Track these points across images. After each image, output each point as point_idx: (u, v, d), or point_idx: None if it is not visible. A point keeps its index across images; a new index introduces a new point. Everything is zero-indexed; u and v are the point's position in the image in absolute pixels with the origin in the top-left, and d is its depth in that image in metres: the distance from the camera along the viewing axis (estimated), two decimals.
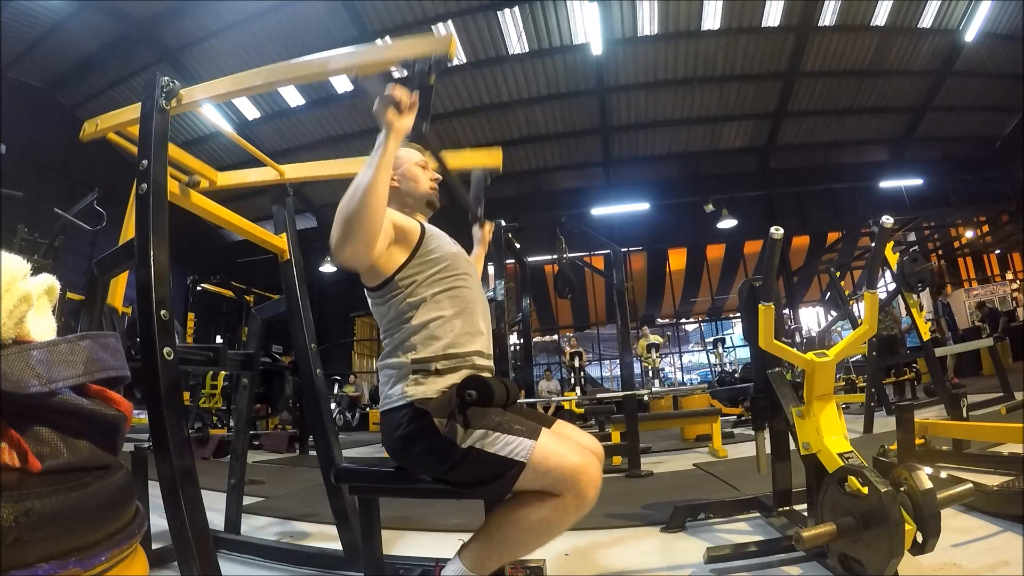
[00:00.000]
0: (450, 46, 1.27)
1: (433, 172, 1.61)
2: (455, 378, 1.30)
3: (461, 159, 1.99)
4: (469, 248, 1.79)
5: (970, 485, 1.56)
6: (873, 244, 2.36)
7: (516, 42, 10.56)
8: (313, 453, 3.94)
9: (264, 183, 2.22)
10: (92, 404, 0.74)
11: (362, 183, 1.15)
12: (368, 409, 12.46)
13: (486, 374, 1.39)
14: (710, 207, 12.65)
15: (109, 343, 0.80)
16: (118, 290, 2.18)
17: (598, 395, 6.50)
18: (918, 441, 2.68)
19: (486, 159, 1.99)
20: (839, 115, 13.06)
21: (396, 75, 1.29)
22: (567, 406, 7.47)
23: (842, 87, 12.17)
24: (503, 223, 4.48)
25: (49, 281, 0.80)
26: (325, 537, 2.36)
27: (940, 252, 14.68)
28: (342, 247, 1.18)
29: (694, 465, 3.96)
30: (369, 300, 1.43)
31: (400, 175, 1.51)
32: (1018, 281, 13.04)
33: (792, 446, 1.93)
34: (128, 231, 2.00)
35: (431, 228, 1.47)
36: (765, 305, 1.89)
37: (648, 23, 10.44)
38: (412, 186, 1.53)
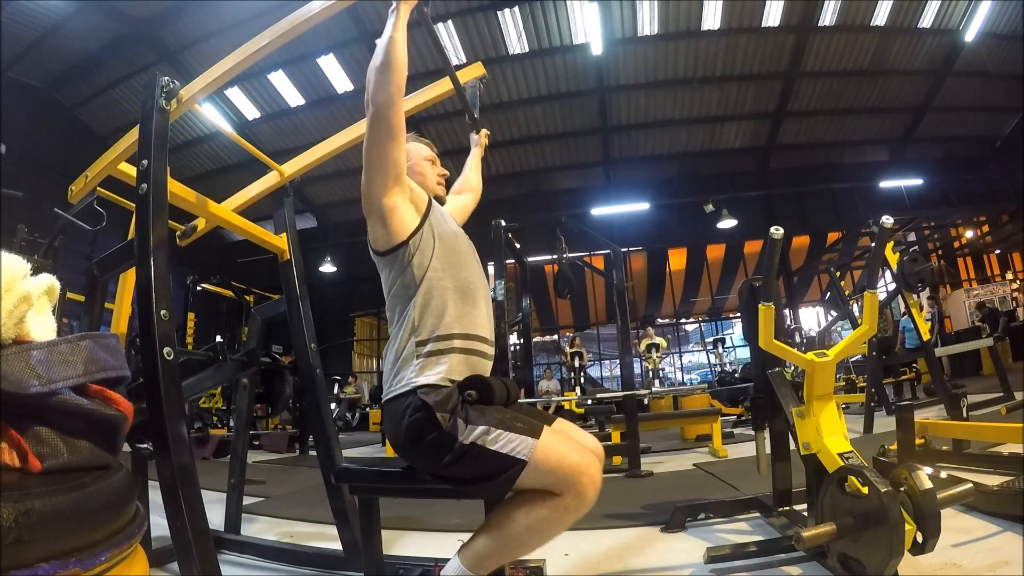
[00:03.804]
0: None
1: (440, 168, 1.62)
2: (456, 363, 1.31)
3: (446, 84, 2.14)
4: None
5: (970, 485, 1.56)
6: (873, 244, 2.36)
7: (516, 42, 10.56)
8: (313, 453, 3.94)
9: (265, 192, 2.21)
10: (92, 404, 0.74)
11: (383, 42, 1.30)
12: (368, 409, 12.46)
13: (486, 361, 1.40)
14: (710, 207, 12.65)
15: (109, 343, 0.80)
16: (126, 292, 2.18)
17: (598, 395, 6.50)
18: (918, 441, 2.68)
19: (470, 72, 2.28)
20: (839, 115, 13.06)
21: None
22: (567, 406, 7.47)
23: (842, 87, 12.17)
24: (503, 223, 4.48)
25: (49, 281, 0.80)
26: (325, 537, 2.36)
27: (940, 252, 14.68)
28: (378, 90, 1.30)
29: (694, 465, 3.96)
30: (378, 265, 1.44)
31: (408, 168, 1.52)
32: (1018, 281, 13.04)
33: (792, 446, 1.93)
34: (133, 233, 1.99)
35: (437, 205, 1.53)
36: (765, 305, 1.89)
37: (648, 23, 10.44)
38: (420, 180, 1.56)
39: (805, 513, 1.90)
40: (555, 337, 16.48)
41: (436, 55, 1.81)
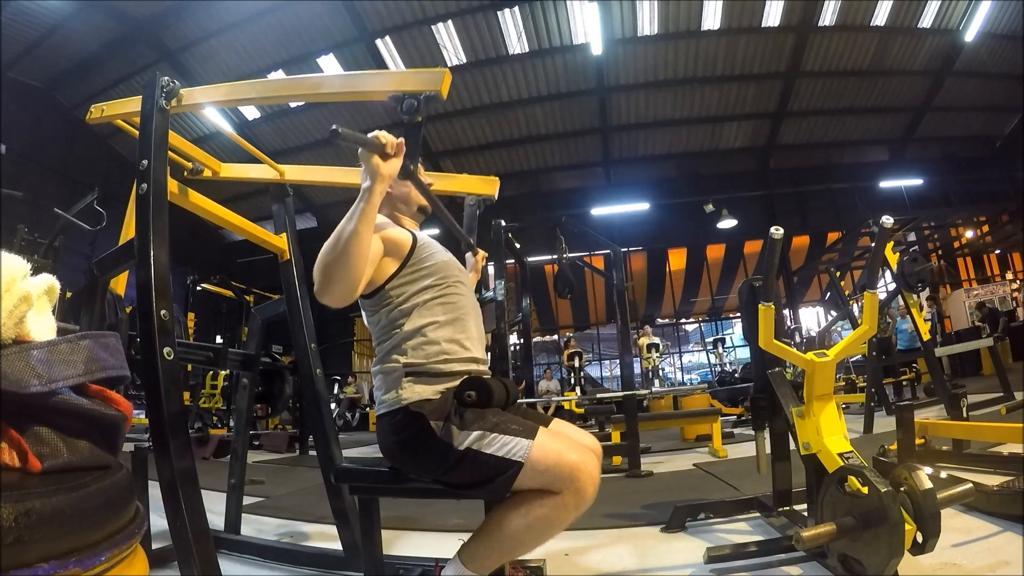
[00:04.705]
0: (443, 84, 1.24)
1: (426, 176, 1.60)
2: (449, 382, 1.30)
3: (456, 184, 1.98)
4: None
5: (970, 485, 1.56)
6: (873, 244, 2.37)
7: (516, 42, 10.56)
8: (313, 453, 3.94)
9: (265, 180, 2.22)
10: (92, 404, 0.74)
11: (345, 233, 1.13)
12: (368, 409, 12.45)
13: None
14: (710, 207, 12.66)
15: (109, 343, 0.80)
16: (118, 287, 2.18)
17: (598, 395, 6.50)
18: (918, 441, 2.68)
19: (481, 187, 1.96)
20: (839, 115, 13.06)
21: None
22: (567, 406, 7.47)
23: (842, 87, 12.17)
24: (503, 223, 4.48)
25: (49, 281, 0.80)
26: (325, 537, 2.36)
27: (940, 252, 14.68)
28: (324, 293, 1.18)
29: (694, 465, 3.96)
30: (361, 308, 1.42)
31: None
32: (1018, 281, 13.04)
33: (792, 446, 1.93)
34: (128, 231, 2.00)
35: (423, 237, 1.46)
36: (765, 305, 1.89)
37: (648, 23, 10.44)
38: (404, 191, 1.51)
39: (805, 513, 1.89)
40: (555, 337, 16.47)
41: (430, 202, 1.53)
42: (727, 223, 12.68)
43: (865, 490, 1.42)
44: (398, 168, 1.20)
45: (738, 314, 5.19)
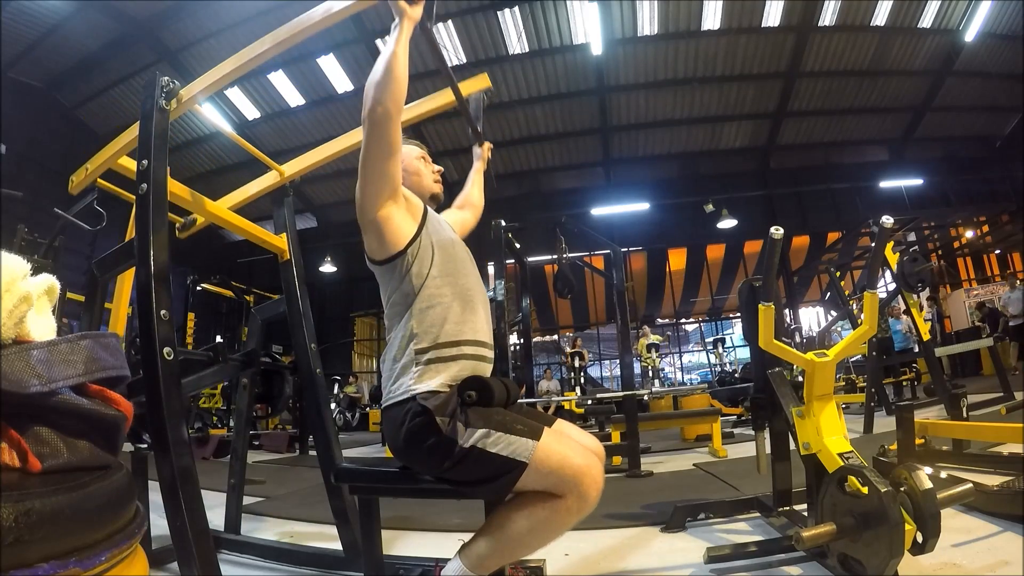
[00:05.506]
0: None
1: (435, 165, 1.61)
2: (457, 370, 1.31)
3: (450, 94, 2.10)
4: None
5: (970, 485, 1.56)
6: (873, 244, 2.37)
7: (516, 42, 10.56)
8: (313, 453, 3.94)
9: (264, 191, 2.21)
10: (92, 404, 0.74)
11: (385, 56, 1.25)
12: (368, 409, 12.45)
13: (486, 365, 1.39)
14: (710, 207, 12.65)
15: (109, 343, 0.80)
16: (124, 292, 2.18)
17: (598, 395, 6.50)
18: (918, 441, 2.68)
19: (476, 85, 2.23)
20: (839, 115, 13.06)
21: None
22: (567, 406, 7.47)
23: (842, 87, 12.17)
24: (503, 223, 4.48)
25: (49, 281, 0.80)
26: (325, 537, 2.36)
27: (940, 252, 14.67)
28: (376, 105, 1.25)
29: (694, 465, 3.96)
30: (376, 274, 1.43)
31: (403, 169, 1.50)
32: (1018, 281, 13.02)
33: (792, 446, 1.93)
34: (132, 231, 2.00)
35: (433, 213, 1.51)
36: (765, 305, 1.89)
37: (648, 23, 10.44)
38: (415, 180, 1.54)
39: (805, 513, 1.89)
40: (555, 337, 16.48)
41: (439, 64, 1.70)
42: (727, 223, 12.68)
43: (865, 490, 1.42)
44: (420, 12, 1.33)
45: (738, 314, 5.19)
